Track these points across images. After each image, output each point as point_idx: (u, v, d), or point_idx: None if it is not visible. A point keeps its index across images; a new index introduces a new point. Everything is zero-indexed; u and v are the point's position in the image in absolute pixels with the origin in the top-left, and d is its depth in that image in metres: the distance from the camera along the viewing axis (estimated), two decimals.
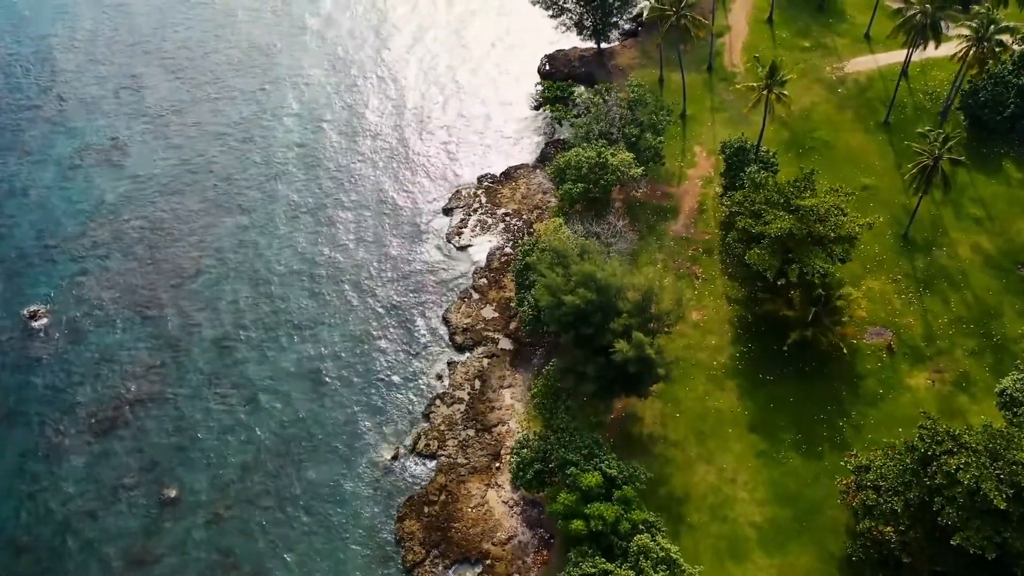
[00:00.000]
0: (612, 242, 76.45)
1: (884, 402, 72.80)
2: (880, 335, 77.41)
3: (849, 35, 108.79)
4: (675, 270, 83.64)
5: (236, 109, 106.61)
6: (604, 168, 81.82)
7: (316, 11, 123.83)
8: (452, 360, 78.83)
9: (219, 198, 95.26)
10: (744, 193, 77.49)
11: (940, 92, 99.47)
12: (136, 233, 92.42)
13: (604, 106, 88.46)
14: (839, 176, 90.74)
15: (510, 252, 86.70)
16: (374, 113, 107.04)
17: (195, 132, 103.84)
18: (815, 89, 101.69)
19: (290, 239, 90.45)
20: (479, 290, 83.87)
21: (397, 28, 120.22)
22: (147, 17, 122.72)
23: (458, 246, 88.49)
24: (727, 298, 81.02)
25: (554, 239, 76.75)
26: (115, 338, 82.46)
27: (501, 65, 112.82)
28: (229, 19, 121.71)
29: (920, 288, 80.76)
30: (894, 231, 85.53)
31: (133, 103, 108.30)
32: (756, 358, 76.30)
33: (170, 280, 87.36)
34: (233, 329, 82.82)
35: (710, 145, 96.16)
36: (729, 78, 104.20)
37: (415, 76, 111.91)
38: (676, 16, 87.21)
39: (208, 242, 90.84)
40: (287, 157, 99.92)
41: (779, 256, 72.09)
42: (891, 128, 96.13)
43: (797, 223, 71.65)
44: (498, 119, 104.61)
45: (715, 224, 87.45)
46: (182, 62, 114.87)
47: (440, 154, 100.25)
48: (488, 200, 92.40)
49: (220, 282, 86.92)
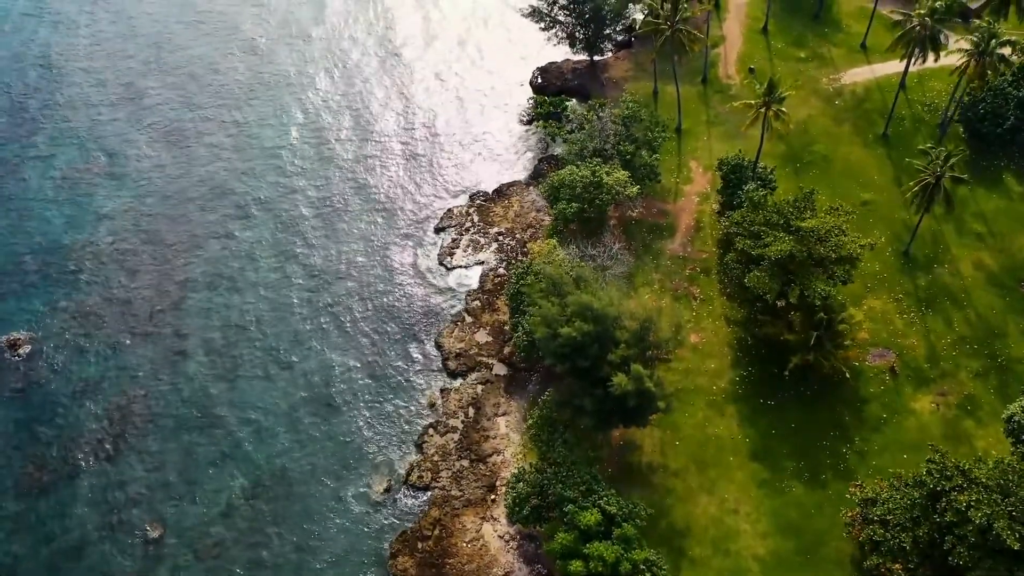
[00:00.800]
0: (608, 265, 74.54)
1: (888, 427, 71.15)
2: (883, 357, 75.76)
3: (845, 45, 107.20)
4: (672, 291, 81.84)
5: (223, 130, 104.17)
6: (599, 187, 79.99)
7: (301, 32, 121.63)
8: (445, 387, 76.87)
9: (205, 221, 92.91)
10: (742, 213, 75.76)
11: (938, 104, 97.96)
12: (122, 255, 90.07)
13: (598, 122, 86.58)
14: (838, 191, 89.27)
15: (503, 273, 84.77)
16: (362, 129, 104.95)
17: (181, 152, 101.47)
18: (812, 101, 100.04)
19: (278, 264, 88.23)
20: (472, 313, 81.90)
21: (385, 44, 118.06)
22: (137, 29, 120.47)
23: (450, 267, 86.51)
24: (726, 319, 79.26)
25: (548, 262, 74.97)
26: (99, 366, 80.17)
27: (492, 78, 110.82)
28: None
29: (922, 307, 79.15)
30: (895, 248, 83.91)
31: (121, 119, 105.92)
32: (756, 382, 74.56)
33: (156, 305, 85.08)
34: (220, 356, 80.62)
35: (706, 160, 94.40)
36: (724, 90, 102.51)
37: (404, 92, 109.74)
38: (671, 30, 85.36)
39: (195, 265, 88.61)
40: (275, 179, 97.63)
41: (779, 279, 70.39)
42: (889, 141, 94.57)
43: (797, 245, 69.96)
44: (490, 134, 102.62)
45: (712, 242, 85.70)
46: (175, 79, 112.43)
47: (431, 171, 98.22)
48: (480, 219, 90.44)
49: (207, 307, 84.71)
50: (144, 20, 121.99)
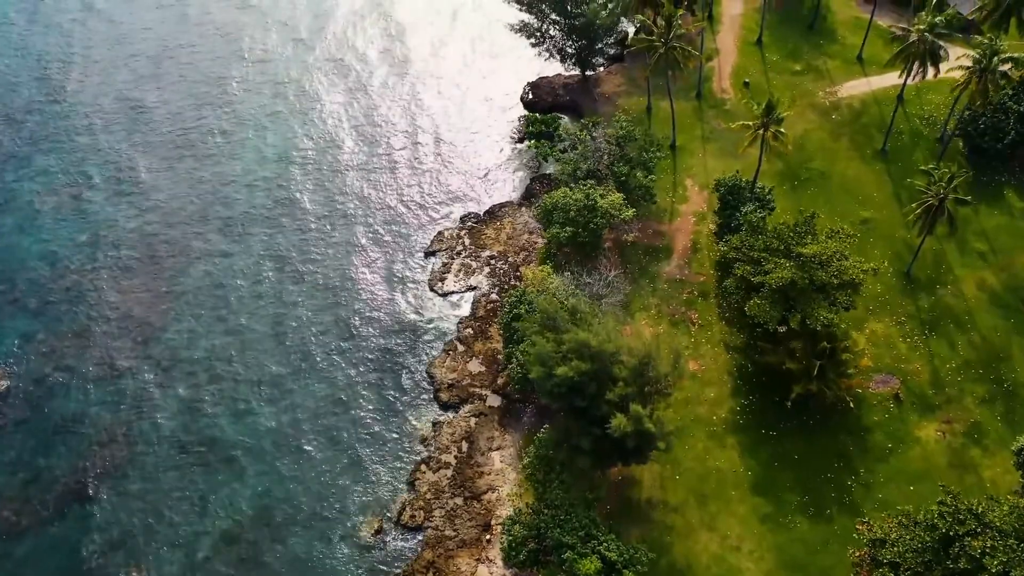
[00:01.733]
0: (604, 294, 72.31)
1: (893, 457, 69.17)
2: (886, 383, 73.80)
3: (841, 57, 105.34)
4: (669, 316, 79.72)
5: (205, 153, 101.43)
6: (593, 211, 77.76)
7: (291, 51, 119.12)
8: (437, 420, 74.47)
9: (188, 246, 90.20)
10: (741, 237, 73.72)
11: (937, 117, 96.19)
12: (102, 283, 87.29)
13: (591, 142, 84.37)
14: (836, 209, 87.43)
15: (496, 299, 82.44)
16: (350, 151, 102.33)
17: (165, 172, 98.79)
18: (808, 115, 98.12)
19: (264, 290, 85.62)
20: (464, 341, 79.53)
21: (372, 61, 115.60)
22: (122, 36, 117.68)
23: (441, 293, 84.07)
24: (725, 346, 77.17)
25: (542, 291, 72.76)
26: (79, 401, 77.42)
27: (482, 95, 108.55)
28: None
29: (925, 330, 77.27)
30: (896, 268, 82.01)
31: (103, 141, 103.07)
32: (758, 411, 72.49)
33: (137, 335, 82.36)
34: (204, 389, 78.03)
35: (702, 178, 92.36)
36: (719, 105, 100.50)
37: (391, 112, 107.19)
38: (665, 48, 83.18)
39: (177, 293, 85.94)
40: (261, 201, 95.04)
41: (780, 307, 68.37)
42: (888, 156, 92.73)
43: (798, 272, 67.95)
44: (480, 153, 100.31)
45: (710, 264, 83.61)
46: (164, 96, 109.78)
47: (420, 192, 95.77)
48: (472, 242, 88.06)
49: (190, 337, 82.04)
50: (141, 34, 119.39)
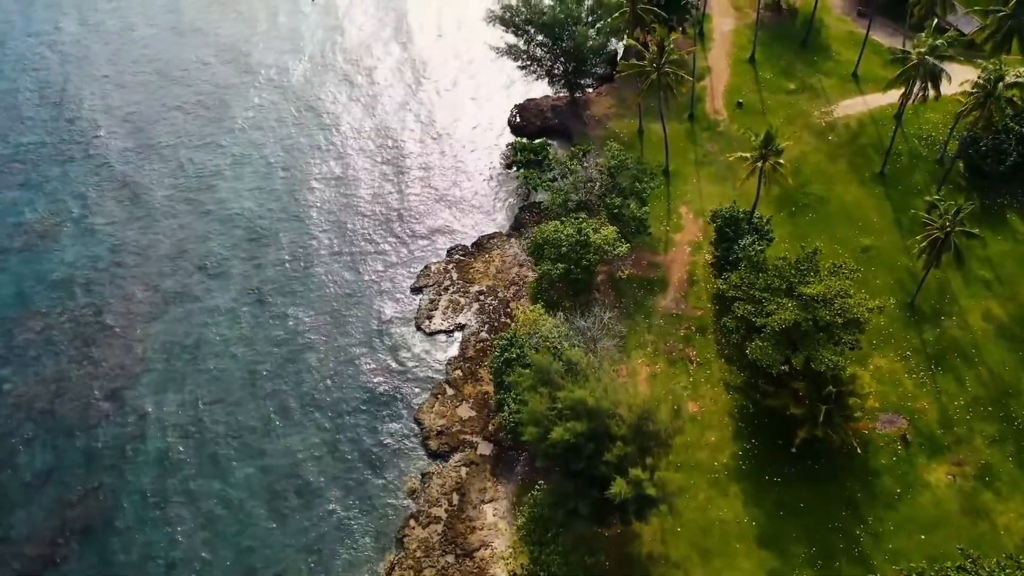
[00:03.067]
0: (599, 337, 69.15)
1: (902, 503, 66.35)
2: (893, 423, 71.02)
3: (836, 74, 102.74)
4: (667, 353, 76.65)
5: (179, 187, 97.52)
6: (586, 246, 74.65)
7: (271, 76, 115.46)
8: (426, 470, 71.02)
9: (164, 286, 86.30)
10: (740, 275, 70.77)
11: (936, 136, 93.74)
12: (70, 327, 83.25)
13: (582, 172, 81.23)
14: (836, 237, 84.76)
15: (486, 338, 79.10)
16: (329, 179, 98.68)
17: (138, 211, 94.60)
18: (804, 137, 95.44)
19: (241, 333, 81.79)
20: (454, 384, 76.17)
21: (354, 86, 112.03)
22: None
23: (429, 332, 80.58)
24: (725, 385, 74.15)
25: (534, 331, 69.63)
26: (46, 458, 73.47)
27: (468, 118, 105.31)
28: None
29: (932, 365, 74.55)
30: (899, 299, 79.24)
31: (74, 175, 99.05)
32: (761, 456, 69.53)
33: (108, 384, 78.43)
34: (180, 440, 74.23)
35: (696, 204, 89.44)
36: (712, 127, 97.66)
37: (374, 137, 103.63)
38: (657, 73, 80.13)
39: (152, 336, 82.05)
40: (238, 236, 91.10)
41: (783, 349, 65.48)
42: (887, 179, 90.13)
43: (801, 312, 65.07)
44: (467, 180, 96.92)
45: (707, 297, 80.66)
46: (132, 126, 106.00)
47: (406, 224, 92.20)
48: (460, 276, 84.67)
49: (166, 384, 78.20)
50: (111, 67, 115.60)
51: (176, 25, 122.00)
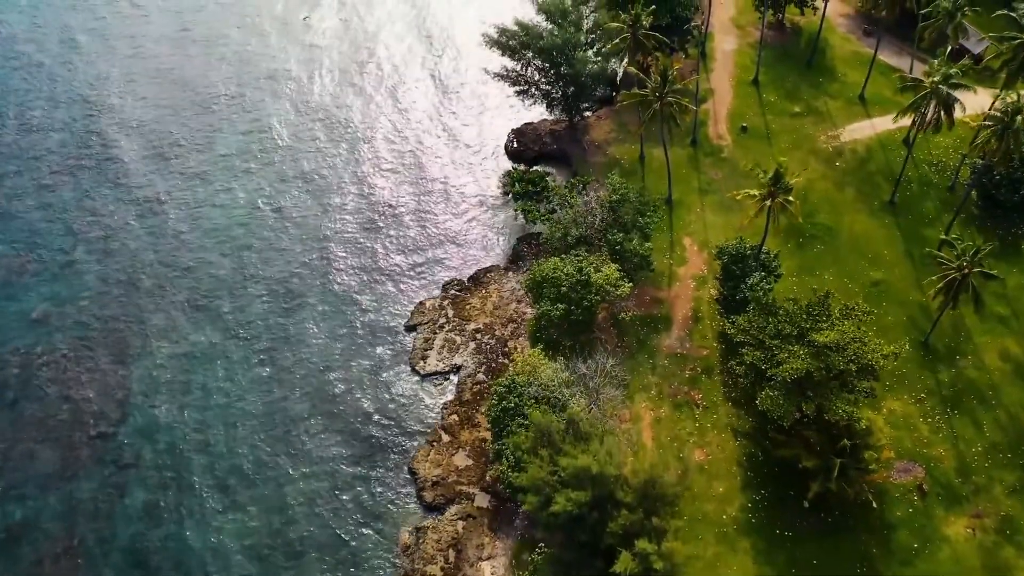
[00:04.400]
0: (601, 384, 66.04)
1: (920, 560, 63.36)
2: (908, 471, 68.01)
3: (842, 96, 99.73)
4: (671, 397, 73.56)
5: (164, 214, 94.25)
6: (587, 286, 71.52)
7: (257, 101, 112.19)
8: (421, 524, 67.82)
9: (147, 321, 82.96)
10: (749, 318, 67.66)
11: (947, 162, 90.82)
12: (54, 368, 79.85)
13: (582, 207, 78.14)
14: (845, 270, 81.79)
15: (483, 380, 75.95)
16: (320, 206, 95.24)
17: (121, 241, 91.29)
18: (811, 163, 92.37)
19: (227, 374, 78.51)
20: (449, 430, 73.00)
21: (344, 109, 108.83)
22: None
23: (424, 373, 77.37)
24: (733, 431, 71.09)
25: (533, 379, 66.55)
26: (24, 511, 70.16)
27: (462, 142, 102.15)
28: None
29: (948, 408, 71.56)
30: (912, 337, 76.23)
31: (56, 202, 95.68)
32: (771, 508, 66.44)
33: (89, 430, 75.15)
34: (163, 492, 70.97)
35: (700, 236, 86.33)
36: (716, 152, 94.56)
37: (365, 163, 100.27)
38: (660, 103, 77.02)
39: (136, 378, 78.74)
40: (226, 267, 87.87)
41: (795, 399, 62.44)
42: (897, 208, 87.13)
43: (813, 360, 62.01)
44: (462, 210, 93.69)
45: (712, 336, 77.59)
46: (105, 153, 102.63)
47: (399, 257, 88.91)
48: (455, 313, 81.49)
49: (149, 431, 74.94)
50: (79, 90, 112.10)
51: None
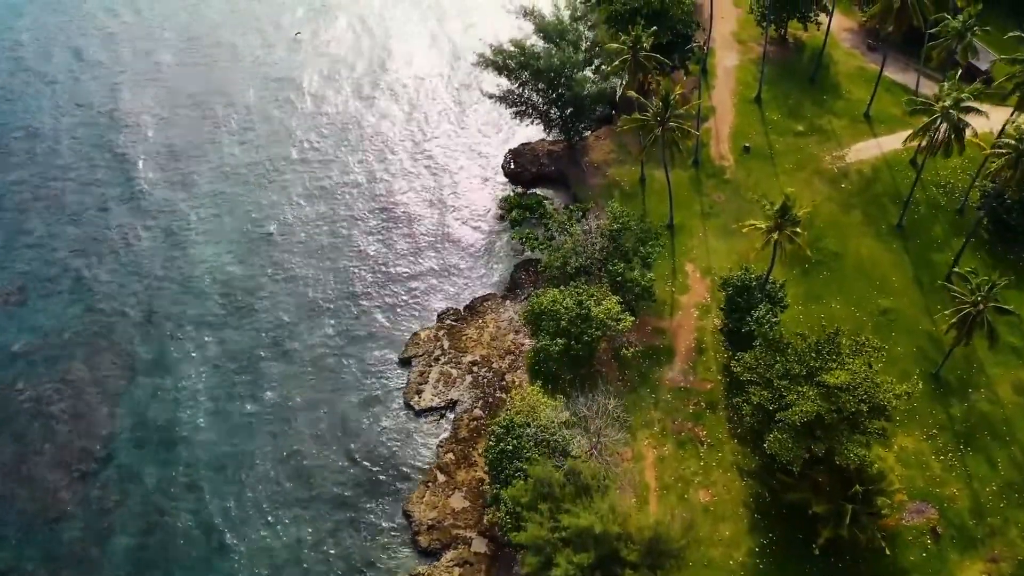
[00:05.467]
0: (602, 426, 63.56)
1: None
2: (921, 512, 65.61)
3: (847, 114, 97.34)
4: (675, 433, 71.10)
5: (150, 242, 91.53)
6: (587, 320, 69.05)
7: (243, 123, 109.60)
8: (416, 572, 65.22)
9: (132, 356, 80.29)
10: (755, 355, 65.19)
11: (955, 184, 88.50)
12: (36, 404, 77.11)
13: (582, 235, 75.67)
14: (852, 298, 79.40)
15: (480, 415, 73.46)
16: (310, 230, 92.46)
17: (105, 270, 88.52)
18: (816, 184, 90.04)
19: (214, 412, 75.77)
20: (445, 469, 70.46)
21: (337, 128, 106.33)
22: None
23: (418, 409, 74.77)
24: (739, 470, 68.62)
25: (531, 419, 64.08)
26: (6, 553, 67.51)
27: (458, 163, 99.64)
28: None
29: (961, 445, 69.19)
30: (923, 368, 73.86)
31: (38, 227, 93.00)
32: (780, 553, 64.01)
33: (72, 469, 72.50)
34: (148, 537, 68.29)
35: (703, 262, 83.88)
36: (718, 174, 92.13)
37: (355, 186, 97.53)
38: (661, 128, 74.58)
39: (120, 415, 76.09)
40: (213, 298, 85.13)
41: (804, 442, 60.03)
42: (905, 232, 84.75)
43: (824, 403, 59.60)
44: (458, 234, 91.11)
45: (717, 368, 75.14)
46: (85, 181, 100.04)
47: (393, 285, 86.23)
48: (451, 344, 78.94)
49: (134, 471, 72.32)
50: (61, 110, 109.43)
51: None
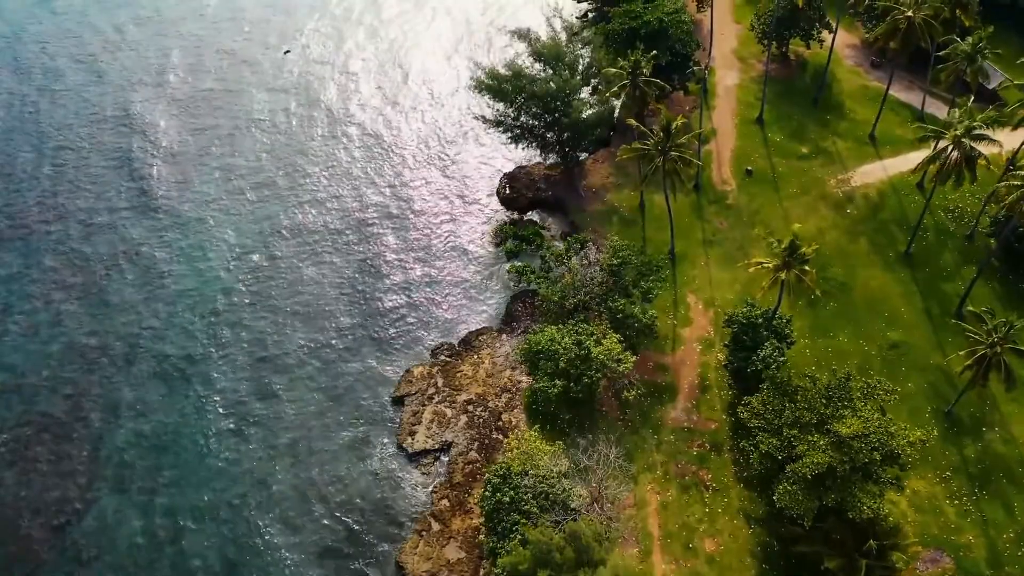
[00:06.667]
0: (604, 476, 60.74)
1: None
2: (936, 562, 62.90)
3: (851, 135, 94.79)
4: (678, 477, 68.30)
5: (132, 274, 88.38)
6: (586, 361, 66.27)
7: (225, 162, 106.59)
8: None
9: (115, 397, 77.22)
10: (763, 399, 62.47)
11: (964, 208, 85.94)
12: (5, 450, 74.03)
13: (580, 270, 72.87)
14: (861, 331, 76.74)
15: (476, 459, 70.58)
16: (301, 260, 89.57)
17: (83, 305, 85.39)
18: (820, 210, 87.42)
19: (199, 455, 72.72)
20: (440, 517, 67.56)
21: (328, 150, 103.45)
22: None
23: (411, 452, 71.83)
24: (746, 517, 65.89)
25: (529, 468, 61.27)
26: None
27: (452, 187, 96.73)
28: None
29: (975, 488, 66.53)
30: (935, 406, 71.24)
31: (14, 263, 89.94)
32: None
33: (54, 518, 69.44)
34: None
35: (706, 292, 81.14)
36: (720, 199, 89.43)
37: (346, 212, 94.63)
38: (662, 158, 71.84)
39: (101, 460, 72.98)
40: (199, 334, 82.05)
41: (815, 494, 57.33)
42: (913, 260, 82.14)
43: (835, 453, 56.90)
44: (452, 263, 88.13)
45: (721, 407, 72.40)
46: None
47: (385, 318, 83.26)
48: (446, 382, 76.04)
49: (115, 519, 69.28)
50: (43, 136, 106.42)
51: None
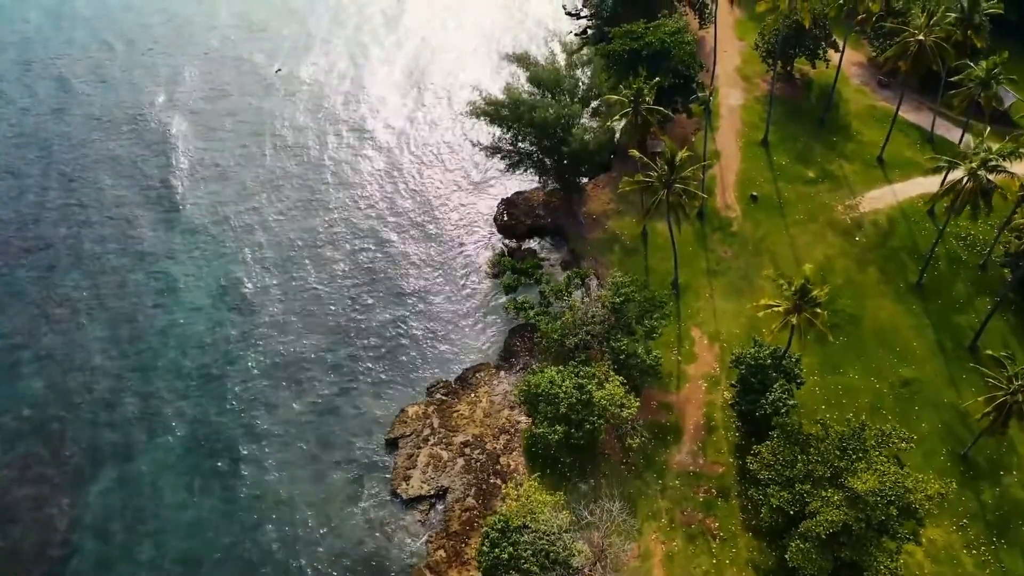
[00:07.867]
0: (607, 533, 58.00)
1: None
2: None
3: (858, 158, 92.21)
4: (684, 525, 65.57)
5: (116, 306, 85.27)
6: (588, 406, 63.53)
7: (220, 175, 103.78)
8: None
9: (97, 438, 74.11)
10: (773, 449, 59.81)
11: (976, 235, 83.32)
12: None
13: (581, 307, 70.15)
14: (871, 366, 74.17)
15: (473, 505, 67.79)
16: (285, 294, 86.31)
17: (65, 338, 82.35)
18: (828, 237, 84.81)
19: (184, 503, 69.65)
20: (435, 569, 64.76)
21: (320, 176, 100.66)
22: None
23: (406, 499, 68.96)
24: (755, 568, 63.15)
25: (528, 523, 58.50)
26: None
27: (447, 213, 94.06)
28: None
29: (994, 537, 63.92)
30: (949, 448, 68.67)
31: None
32: None
33: (34, 569, 66.48)
34: None
35: (710, 326, 78.45)
36: (724, 226, 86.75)
37: (340, 242, 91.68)
38: (665, 190, 69.13)
39: (81, 508, 69.83)
40: (185, 372, 79.07)
41: (829, 553, 54.68)
42: (924, 291, 79.51)
43: (850, 510, 54.24)
44: (448, 295, 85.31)
45: (728, 449, 69.72)
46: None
47: (379, 353, 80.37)
48: (442, 423, 73.24)
49: (96, 569, 66.36)
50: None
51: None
